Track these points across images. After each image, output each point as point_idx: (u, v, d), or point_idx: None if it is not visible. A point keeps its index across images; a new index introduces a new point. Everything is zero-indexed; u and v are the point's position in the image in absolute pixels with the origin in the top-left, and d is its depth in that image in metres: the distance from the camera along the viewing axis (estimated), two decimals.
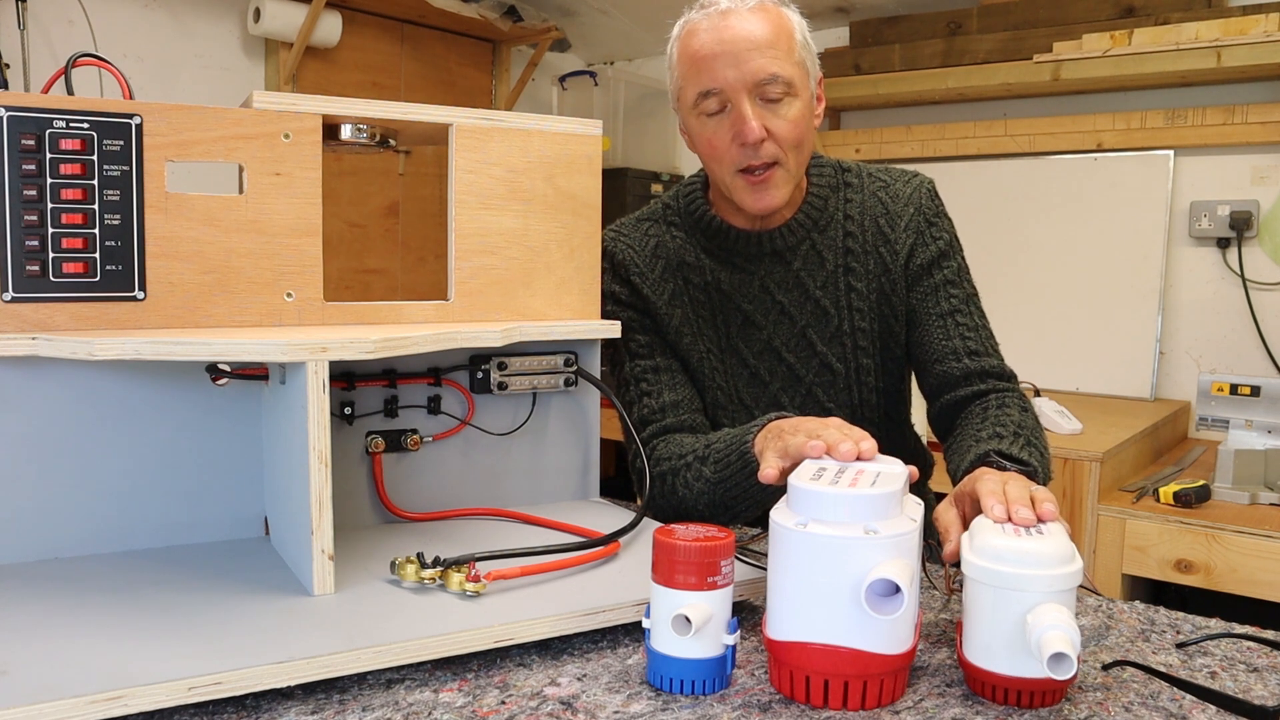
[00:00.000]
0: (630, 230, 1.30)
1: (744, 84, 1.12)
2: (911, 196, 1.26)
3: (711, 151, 1.17)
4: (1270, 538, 1.76)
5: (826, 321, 1.25)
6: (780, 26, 1.14)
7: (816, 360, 1.26)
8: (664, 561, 0.74)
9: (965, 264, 1.29)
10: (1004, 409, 1.16)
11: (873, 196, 1.27)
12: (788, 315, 1.25)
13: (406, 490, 1.06)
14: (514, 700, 0.73)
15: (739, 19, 1.13)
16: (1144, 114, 2.63)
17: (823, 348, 1.25)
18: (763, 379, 1.26)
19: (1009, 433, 1.09)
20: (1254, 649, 0.85)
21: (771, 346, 1.26)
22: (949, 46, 2.82)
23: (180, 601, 0.81)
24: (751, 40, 1.12)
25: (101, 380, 0.92)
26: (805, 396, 1.27)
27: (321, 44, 2.92)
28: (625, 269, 1.27)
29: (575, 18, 3.44)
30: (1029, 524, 0.79)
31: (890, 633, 0.71)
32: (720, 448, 1.12)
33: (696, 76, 1.14)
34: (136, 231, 0.90)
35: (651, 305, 1.26)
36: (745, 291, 1.25)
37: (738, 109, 1.13)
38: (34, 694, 0.64)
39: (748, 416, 1.26)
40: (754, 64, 1.12)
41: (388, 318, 1.03)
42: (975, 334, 1.24)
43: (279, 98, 0.95)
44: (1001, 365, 1.24)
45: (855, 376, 1.26)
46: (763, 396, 1.26)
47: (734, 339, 1.26)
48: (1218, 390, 1.97)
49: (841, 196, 1.27)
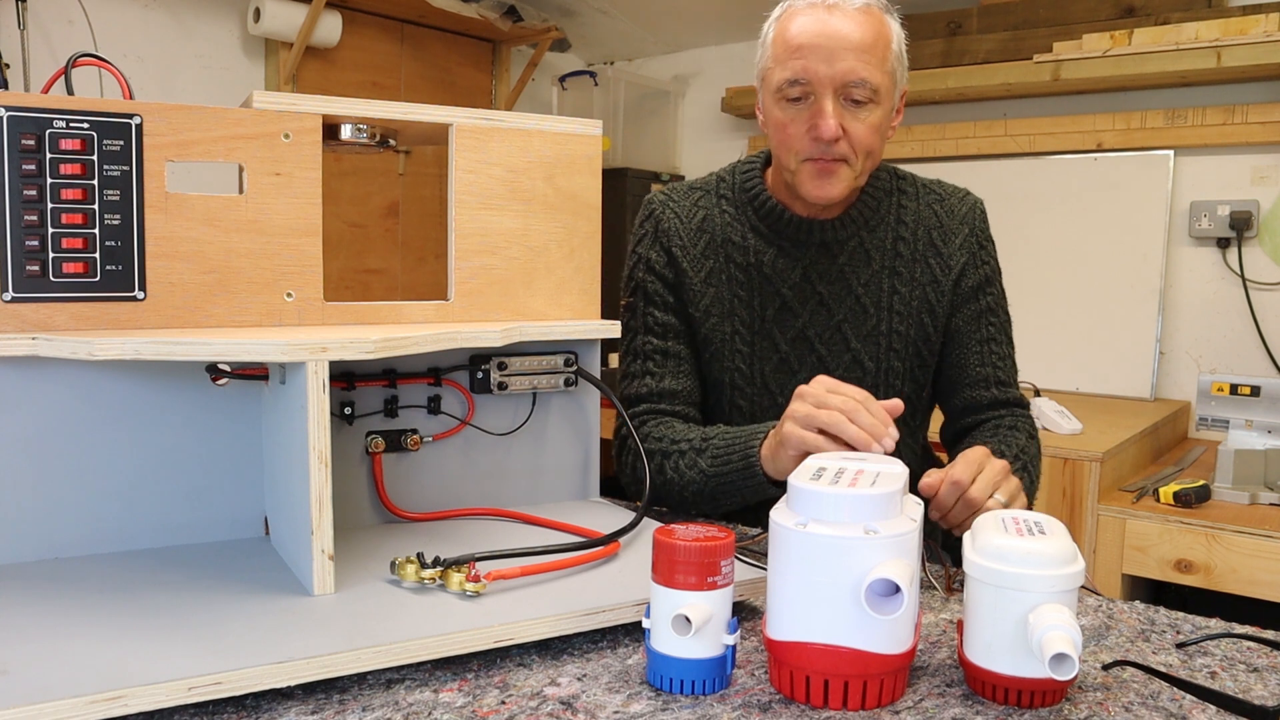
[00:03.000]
0: (681, 198, 1.31)
1: (832, 81, 1.14)
2: (966, 216, 1.30)
3: (783, 137, 1.18)
4: (1270, 538, 1.76)
5: (864, 319, 1.27)
6: (879, 33, 1.16)
7: (849, 355, 1.27)
8: (664, 561, 0.74)
9: (1004, 290, 1.34)
10: (1014, 430, 1.25)
11: (928, 207, 1.29)
12: (826, 306, 1.26)
13: (406, 490, 1.06)
14: (514, 700, 0.73)
15: (842, 16, 1.14)
16: (1144, 114, 2.63)
17: (856, 344, 1.27)
18: (792, 366, 1.28)
19: (1010, 453, 1.19)
20: (1254, 649, 0.85)
21: (805, 335, 1.27)
22: (949, 46, 2.82)
23: (180, 601, 0.81)
24: (849, 40, 1.13)
25: (101, 380, 0.92)
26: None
27: (321, 44, 2.92)
28: (668, 237, 1.28)
29: (575, 18, 3.44)
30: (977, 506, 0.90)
31: (890, 633, 0.71)
32: (721, 444, 1.13)
33: (787, 62, 1.15)
34: (136, 231, 0.90)
35: (686, 279, 1.27)
36: (786, 277, 1.26)
37: (819, 104, 1.14)
38: (34, 694, 0.64)
39: (770, 401, 1.28)
40: (846, 64, 1.13)
41: (388, 318, 1.03)
42: (1004, 363, 1.30)
43: (279, 98, 0.95)
44: (1021, 396, 1.31)
45: (884, 377, 1.27)
46: (789, 384, 1.27)
47: (768, 323, 1.27)
48: (1218, 390, 1.97)
49: (895, 201, 1.29)
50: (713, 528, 0.77)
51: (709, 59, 3.57)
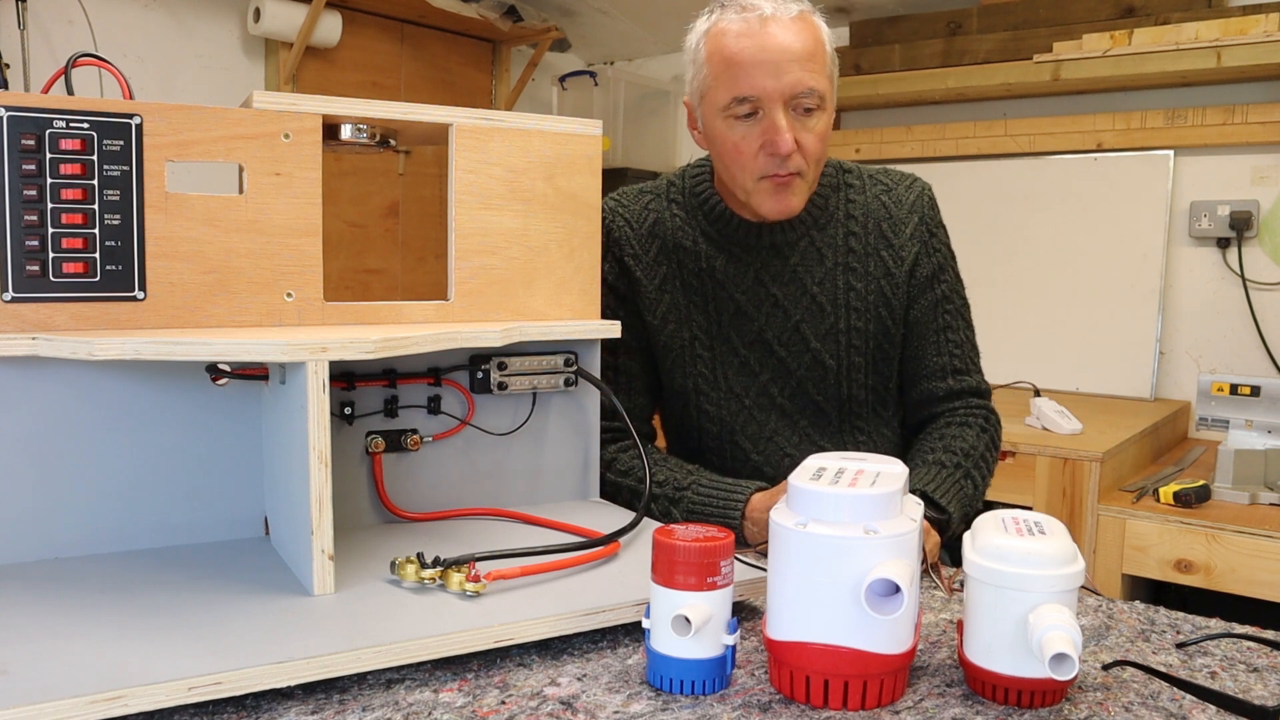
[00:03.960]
0: (631, 202, 1.31)
1: (782, 95, 1.13)
2: (915, 204, 1.29)
3: (736, 156, 1.17)
4: (1270, 538, 1.76)
5: (822, 318, 1.26)
6: (817, 39, 1.16)
7: (809, 355, 1.27)
8: (664, 562, 0.74)
9: (958, 272, 1.32)
10: (965, 427, 1.26)
11: (875, 199, 1.28)
12: (781, 308, 1.26)
13: (406, 490, 1.06)
14: (514, 700, 0.73)
15: (781, 28, 1.13)
16: (1144, 114, 2.63)
17: (816, 344, 1.26)
18: (753, 369, 1.28)
19: (952, 463, 1.21)
20: (1254, 649, 0.85)
21: (763, 338, 1.26)
22: (949, 46, 2.82)
23: (180, 601, 0.81)
24: (792, 52, 1.13)
25: (101, 380, 0.92)
26: (795, 389, 1.28)
27: (321, 44, 2.92)
28: (619, 247, 1.28)
29: (575, 18, 3.44)
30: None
31: (890, 633, 0.71)
32: (698, 501, 1.16)
33: (733, 81, 1.13)
34: (136, 231, 0.90)
35: (640, 287, 1.27)
36: (739, 281, 1.26)
37: (771, 119, 1.13)
38: (34, 694, 0.64)
39: (736, 404, 1.28)
40: (793, 76, 1.12)
41: (388, 318, 1.03)
42: (961, 350, 1.30)
43: (279, 98, 0.95)
44: (979, 382, 1.32)
45: (846, 373, 1.27)
46: (752, 386, 1.27)
47: (725, 327, 1.27)
48: (1218, 390, 1.97)
49: (843, 196, 1.28)
50: (712, 528, 0.77)
51: None
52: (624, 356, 1.28)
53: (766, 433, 1.28)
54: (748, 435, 1.28)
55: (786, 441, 1.28)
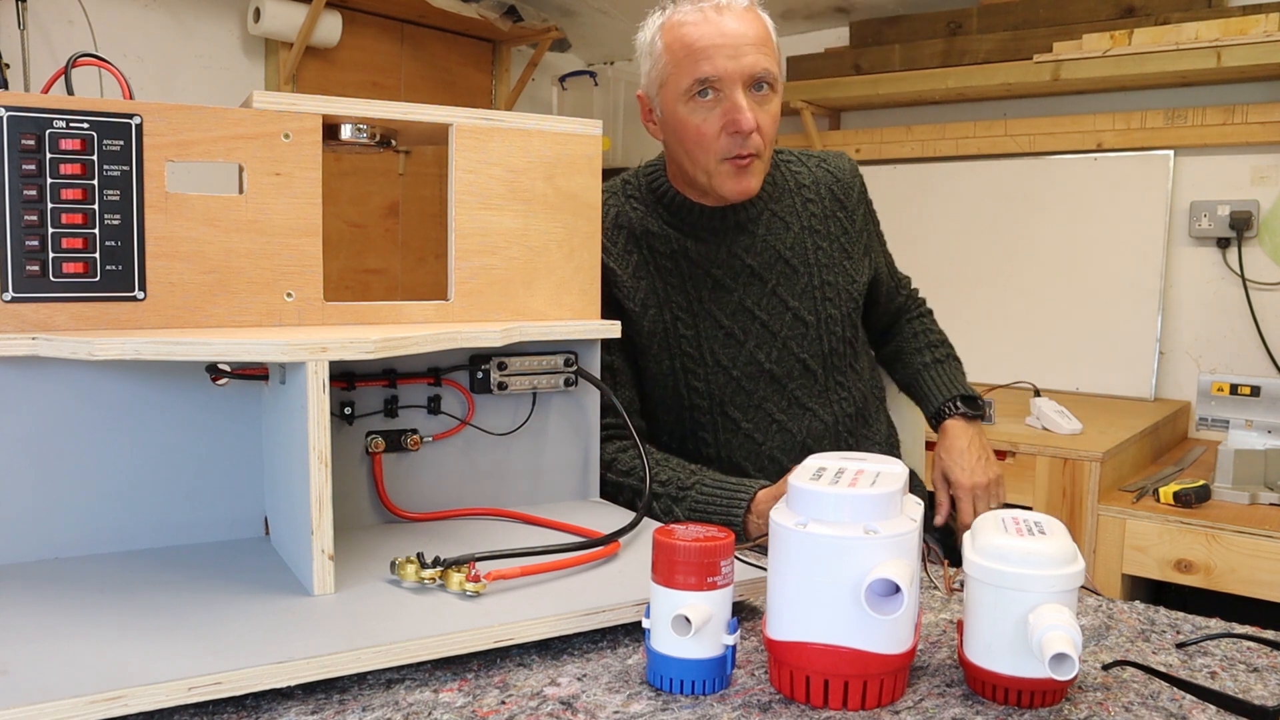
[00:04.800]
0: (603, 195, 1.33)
1: (741, 76, 1.20)
2: (853, 171, 1.44)
3: (699, 139, 1.23)
4: (1270, 538, 1.76)
5: (795, 278, 1.35)
6: (767, 28, 1.26)
7: (789, 314, 1.34)
8: (664, 562, 0.74)
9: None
10: (922, 318, 1.53)
11: (819, 169, 1.43)
12: (758, 276, 1.34)
13: (406, 490, 1.06)
14: (514, 700, 0.73)
15: (734, 16, 1.22)
16: (1144, 114, 2.63)
17: (794, 303, 1.34)
18: (738, 338, 1.32)
19: (944, 354, 1.47)
20: (1254, 649, 0.85)
21: (744, 306, 1.33)
22: (949, 46, 2.82)
23: (180, 601, 0.81)
24: (748, 36, 1.22)
25: (101, 380, 0.92)
26: (781, 350, 1.33)
27: (321, 44, 2.92)
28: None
29: (575, 18, 3.44)
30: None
31: (890, 633, 0.71)
32: (701, 499, 1.19)
33: (694, 65, 1.20)
34: (136, 231, 0.90)
35: (615, 277, 1.30)
36: (714, 258, 1.33)
37: (732, 100, 1.21)
38: (34, 694, 0.64)
39: (724, 376, 1.32)
40: (750, 58, 1.20)
41: (388, 318, 1.03)
42: (895, 270, 1.53)
43: (279, 98, 0.95)
44: (910, 285, 1.57)
45: (825, 326, 1.36)
46: (739, 356, 1.32)
47: (705, 302, 1.32)
48: (1218, 390, 1.97)
49: (786, 171, 1.40)
50: (712, 528, 0.77)
51: None
52: (611, 353, 1.30)
53: (755, 400, 1.33)
54: (737, 405, 1.32)
55: (775, 407, 1.33)
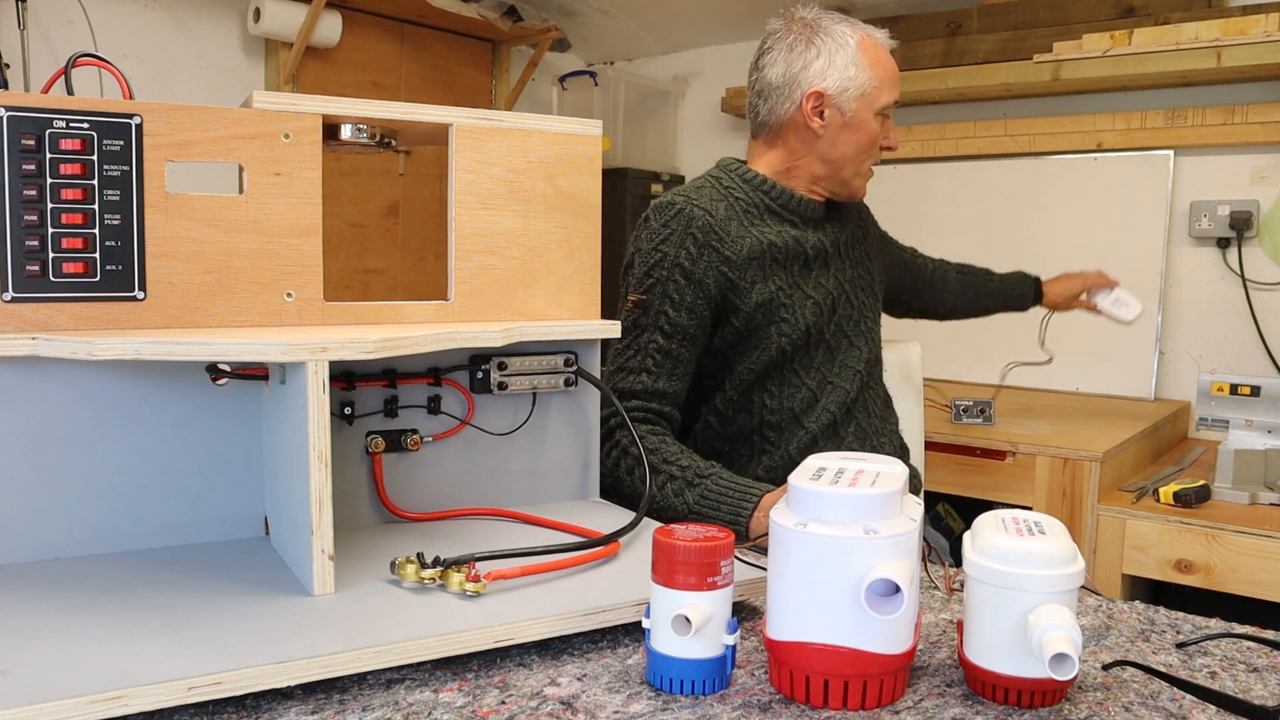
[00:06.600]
0: (697, 195, 1.39)
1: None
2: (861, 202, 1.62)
3: (870, 148, 1.43)
4: (1270, 538, 1.76)
5: (868, 272, 1.55)
6: None
7: (863, 300, 1.51)
8: (664, 562, 0.74)
9: None
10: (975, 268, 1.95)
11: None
12: (849, 259, 1.51)
13: (406, 490, 1.06)
14: (514, 700, 0.73)
15: None
16: (1144, 114, 2.63)
17: (865, 296, 1.52)
18: (825, 311, 1.44)
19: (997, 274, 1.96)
20: (1254, 649, 0.85)
21: (839, 283, 1.47)
22: (949, 46, 2.82)
23: (180, 601, 0.81)
24: None
25: (101, 380, 0.92)
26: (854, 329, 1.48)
27: (321, 44, 2.92)
28: (702, 232, 1.35)
29: (575, 18, 3.44)
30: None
31: (890, 633, 0.71)
32: (714, 490, 1.21)
33: (893, 89, 1.42)
34: (136, 231, 0.90)
35: (730, 262, 1.35)
36: (812, 240, 1.44)
37: (890, 122, 1.45)
38: (34, 694, 0.64)
39: (818, 342, 1.42)
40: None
41: (388, 318, 1.03)
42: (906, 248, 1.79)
43: (279, 98, 0.95)
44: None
45: (875, 320, 1.54)
46: (828, 325, 1.44)
47: (799, 279, 1.42)
48: (1218, 390, 1.97)
49: None
50: (712, 528, 0.77)
51: (709, 59, 3.57)
52: (679, 343, 1.33)
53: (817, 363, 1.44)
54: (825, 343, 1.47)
55: (848, 356, 1.47)
